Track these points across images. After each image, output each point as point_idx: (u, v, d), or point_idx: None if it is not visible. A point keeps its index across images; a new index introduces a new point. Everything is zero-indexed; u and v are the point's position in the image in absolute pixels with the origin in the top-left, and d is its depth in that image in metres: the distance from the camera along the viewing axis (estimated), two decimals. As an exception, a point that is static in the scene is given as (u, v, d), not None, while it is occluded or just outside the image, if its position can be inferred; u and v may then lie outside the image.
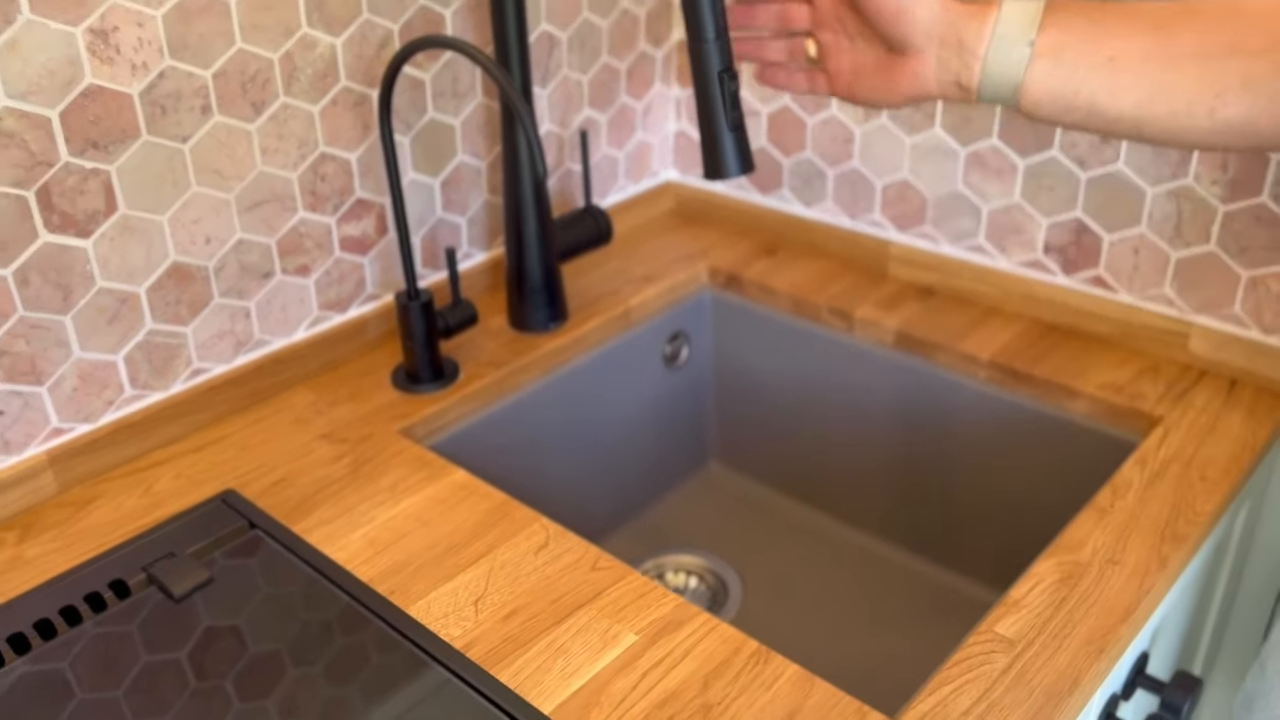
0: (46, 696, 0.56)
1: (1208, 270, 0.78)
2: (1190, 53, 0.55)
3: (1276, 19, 0.54)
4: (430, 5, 0.80)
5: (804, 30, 0.68)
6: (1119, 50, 0.57)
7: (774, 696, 0.54)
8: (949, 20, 0.61)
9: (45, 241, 0.65)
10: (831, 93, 0.68)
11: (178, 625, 0.60)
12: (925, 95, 0.63)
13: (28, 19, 0.60)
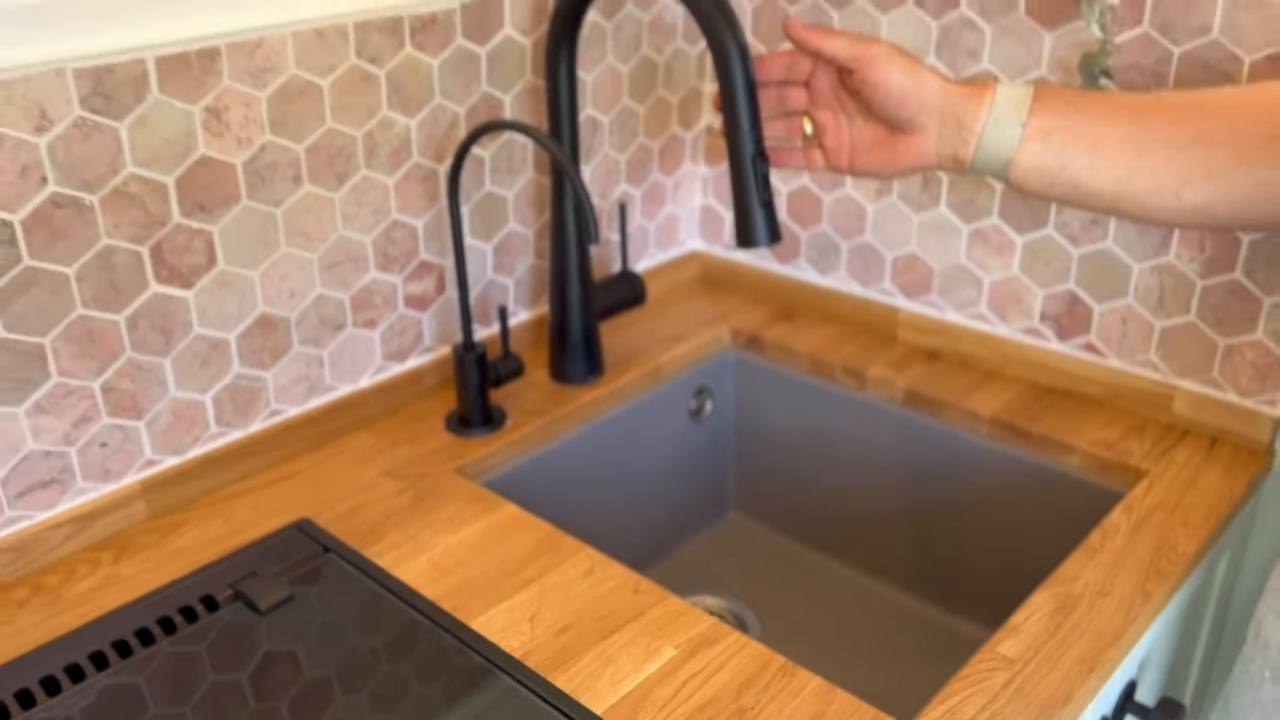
0: (155, 692, 0.63)
1: (1188, 339, 0.87)
2: (1162, 141, 0.64)
3: (1236, 115, 0.63)
4: (492, 91, 0.90)
5: (800, 110, 0.75)
6: (1100, 136, 0.65)
7: (800, 704, 0.61)
8: (949, 101, 0.69)
9: (154, 291, 0.73)
10: (829, 168, 0.75)
11: (266, 635, 0.67)
12: (924, 167, 0.71)
13: (156, 98, 0.69)
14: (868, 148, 0.73)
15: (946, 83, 0.69)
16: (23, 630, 0.68)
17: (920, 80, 0.69)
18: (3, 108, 0.63)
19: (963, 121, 0.68)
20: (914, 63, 0.69)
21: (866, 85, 0.69)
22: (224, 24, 0.71)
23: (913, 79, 0.69)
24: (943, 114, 0.69)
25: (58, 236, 0.67)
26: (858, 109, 0.73)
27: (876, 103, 0.70)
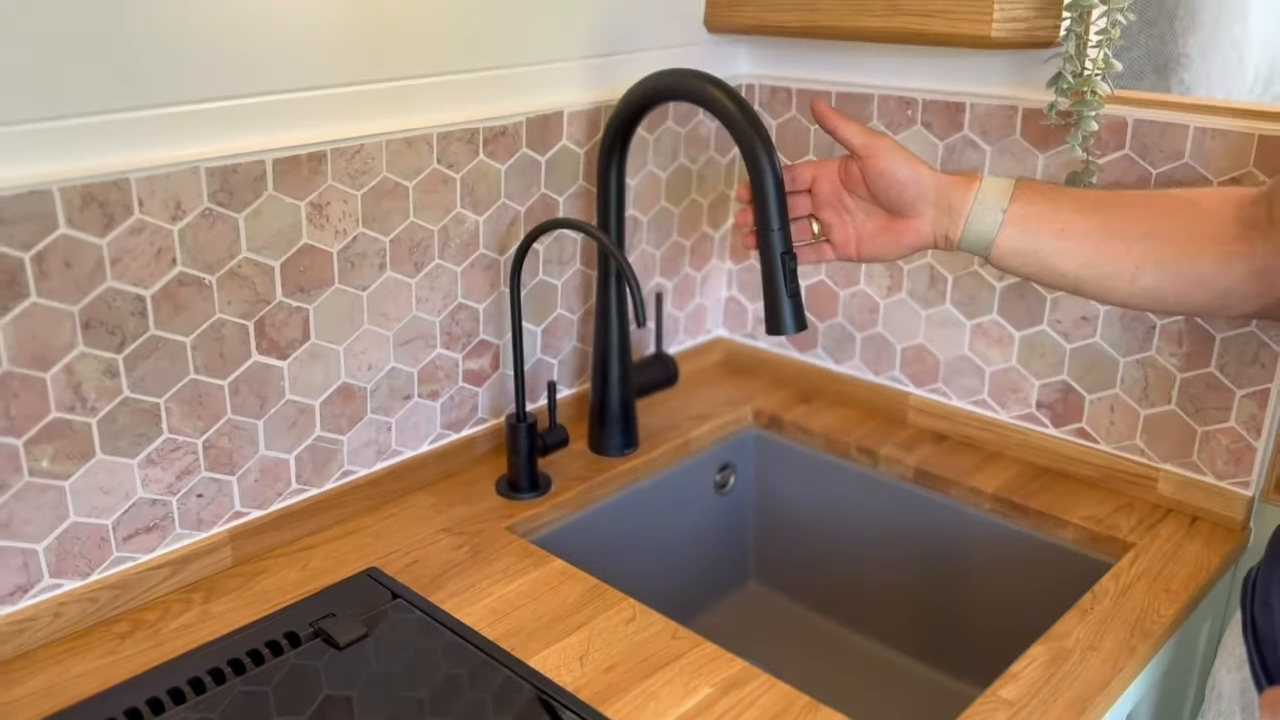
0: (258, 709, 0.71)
1: (1170, 426, 0.96)
2: (1121, 233, 0.75)
3: (1184, 214, 0.74)
4: (549, 193, 1.01)
5: (806, 215, 0.85)
6: (1069, 224, 0.76)
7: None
8: (942, 189, 0.79)
9: (255, 361, 0.84)
10: (839, 258, 0.85)
11: (346, 668, 0.75)
12: (921, 247, 0.81)
13: (271, 194, 0.80)
14: (871, 235, 0.82)
15: (939, 173, 0.80)
16: (126, 659, 0.76)
17: (918, 171, 0.79)
18: (146, 199, 0.74)
19: (953, 206, 0.79)
20: (912, 155, 0.80)
21: (873, 173, 0.80)
22: (332, 133, 0.82)
23: (912, 169, 0.79)
24: (936, 200, 0.79)
25: (180, 310, 0.78)
26: (857, 204, 0.83)
27: (881, 189, 0.80)
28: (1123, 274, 0.75)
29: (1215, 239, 0.73)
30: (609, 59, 1.03)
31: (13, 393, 0.71)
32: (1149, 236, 0.74)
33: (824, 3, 0.98)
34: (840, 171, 0.83)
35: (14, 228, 0.68)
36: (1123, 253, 0.75)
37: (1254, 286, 0.72)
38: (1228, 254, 0.72)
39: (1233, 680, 0.73)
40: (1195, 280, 0.73)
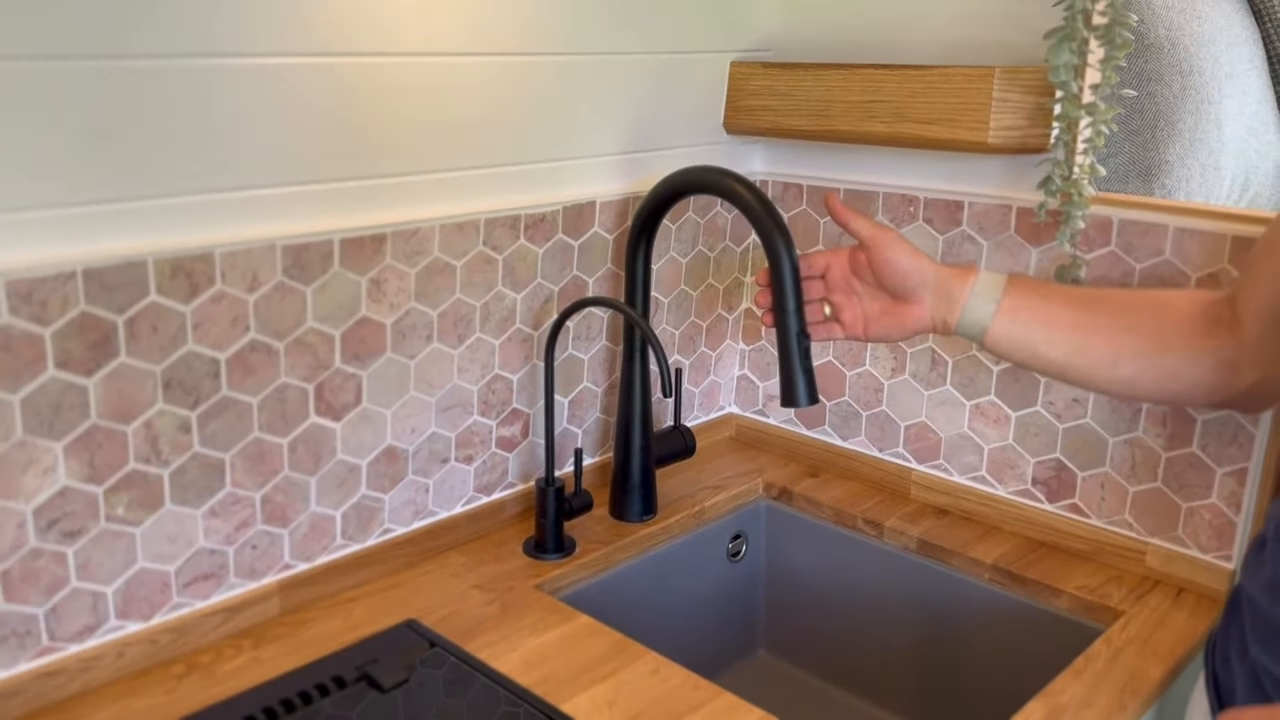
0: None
1: (1157, 502, 1.03)
2: (1103, 326, 0.83)
3: (1160, 312, 0.83)
4: (580, 275, 1.10)
5: (820, 298, 0.93)
6: (1056, 317, 0.85)
7: (836, 779, 0.74)
8: (942, 278, 0.88)
9: (312, 422, 0.91)
10: (848, 337, 0.91)
11: (390, 710, 0.81)
12: (921, 331, 0.89)
13: (336, 270, 0.88)
14: (877, 317, 0.90)
15: (939, 264, 0.89)
16: (183, 699, 0.82)
17: (920, 261, 0.88)
18: (228, 272, 0.82)
19: (952, 295, 0.87)
20: (915, 248, 0.89)
21: (879, 261, 0.88)
22: (392, 217, 0.91)
23: (915, 260, 0.88)
24: (936, 288, 0.88)
25: (249, 373, 0.85)
26: (865, 289, 0.91)
27: (886, 276, 0.88)
28: (1104, 363, 0.83)
29: (1186, 334, 0.81)
30: (637, 155, 1.13)
31: (98, 444, 0.78)
32: (1128, 330, 0.83)
33: (836, 110, 1.08)
34: (850, 260, 0.91)
35: (112, 293, 0.76)
36: (1104, 344, 0.83)
37: (1221, 378, 0.81)
38: (1197, 348, 0.81)
39: None
40: (1169, 371, 0.82)
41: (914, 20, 1.10)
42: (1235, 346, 0.79)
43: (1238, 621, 0.76)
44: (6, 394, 0.73)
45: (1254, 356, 0.79)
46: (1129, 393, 0.85)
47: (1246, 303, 0.80)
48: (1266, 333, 0.77)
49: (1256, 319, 0.78)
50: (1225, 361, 0.80)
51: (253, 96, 0.81)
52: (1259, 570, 0.73)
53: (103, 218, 0.75)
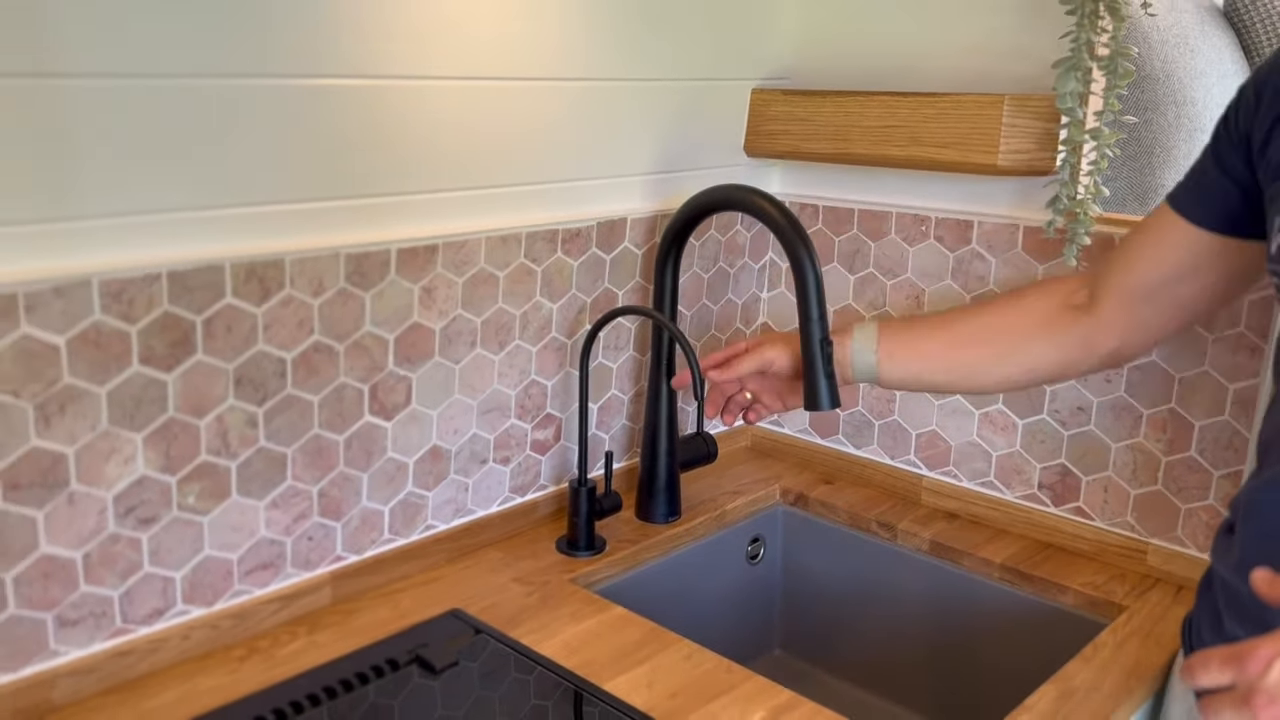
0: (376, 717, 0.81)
1: (1157, 504, 1.09)
2: (965, 342, 0.98)
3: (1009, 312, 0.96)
4: (611, 287, 1.16)
5: (739, 390, 1.06)
6: (924, 349, 0.99)
7: (864, 752, 0.80)
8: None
9: (366, 420, 0.96)
10: (771, 413, 1.07)
11: (443, 689, 0.86)
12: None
13: (393, 278, 0.94)
14: (788, 394, 1.06)
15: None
16: (247, 679, 0.87)
17: (798, 355, 0.99)
18: (296, 277, 0.88)
19: (839, 360, 0.99)
20: (795, 343, 1.00)
21: (774, 371, 1.03)
22: (444, 229, 0.97)
23: (794, 358, 1.01)
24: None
25: (312, 373, 0.91)
26: (773, 375, 1.05)
27: (782, 372, 1.03)
28: (980, 373, 0.98)
29: (1042, 327, 0.94)
30: (664, 176, 1.19)
31: (173, 435, 0.84)
32: (990, 341, 0.97)
33: (853, 134, 1.15)
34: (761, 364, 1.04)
35: (192, 295, 0.82)
36: (974, 359, 0.97)
37: (1080, 354, 0.94)
38: (1054, 336, 0.94)
39: (1179, 709, 0.86)
40: (1034, 361, 0.95)
41: (927, 50, 1.17)
42: (1090, 324, 0.92)
43: (1209, 600, 0.83)
44: (95, 386, 0.79)
45: (1110, 329, 0.91)
46: (1011, 387, 1.01)
47: (1108, 286, 0.91)
48: (1125, 309, 0.90)
49: (1117, 298, 0.90)
50: (1081, 340, 0.93)
51: (322, 115, 0.87)
52: (1228, 553, 0.79)
53: (186, 224, 0.81)
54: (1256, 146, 0.78)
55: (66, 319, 0.76)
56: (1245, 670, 0.59)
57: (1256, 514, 0.77)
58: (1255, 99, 0.78)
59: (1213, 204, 0.83)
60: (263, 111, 0.83)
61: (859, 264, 1.27)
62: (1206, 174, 0.84)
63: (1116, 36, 0.99)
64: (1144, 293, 0.89)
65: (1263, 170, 0.77)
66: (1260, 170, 0.78)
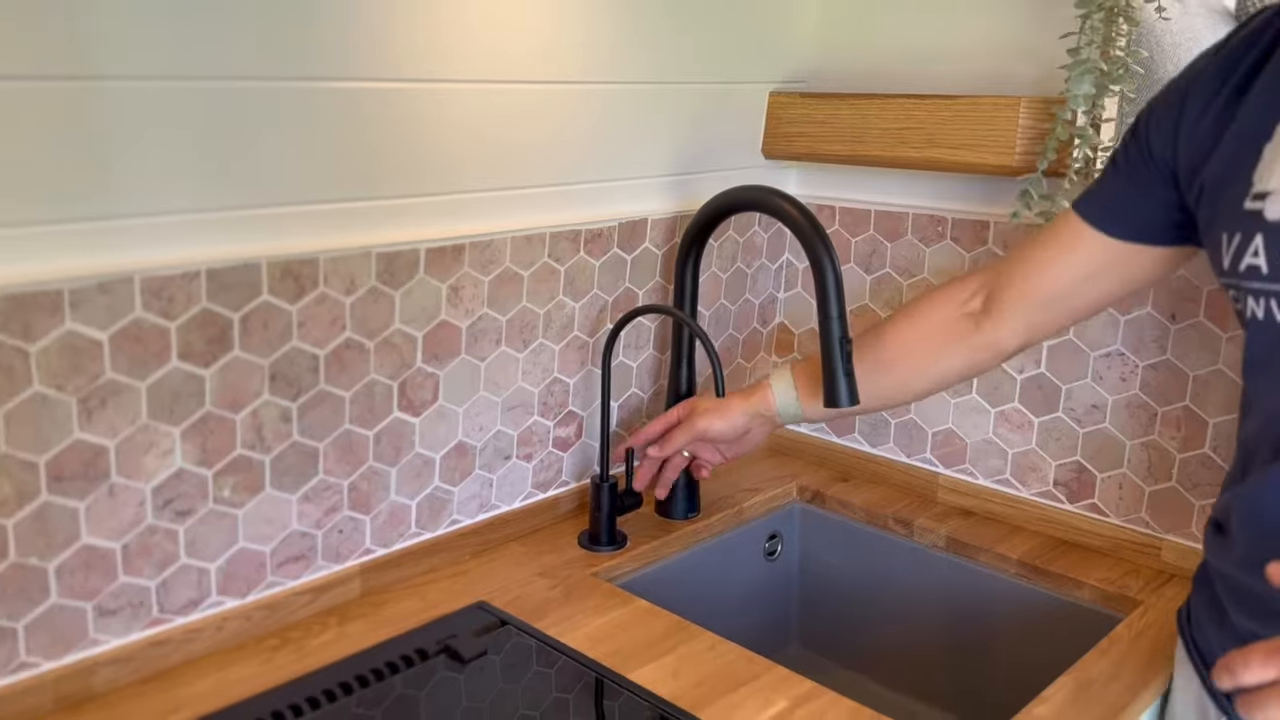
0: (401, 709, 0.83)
1: (1171, 501, 1.10)
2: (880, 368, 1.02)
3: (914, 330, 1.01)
4: (632, 287, 1.18)
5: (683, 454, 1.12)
6: None
7: (886, 739, 0.81)
8: (752, 410, 1.08)
9: (394, 416, 0.98)
10: (713, 467, 1.13)
11: (472, 678, 0.88)
12: (763, 441, 1.13)
13: (421, 277, 0.96)
14: (729, 450, 1.13)
15: (744, 400, 1.08)
16: (279, 668, 0.88)
17: (730, 417, 1.08)
18: (330, 276, 0.90)
19: (765, 414, 1.08)
20: (723, 406, 1.08)
21: (709, 438, 1.09)
22: (470, 229, 0.99)
23: (727, 421, 1.08)
24: (751, 418, 1.08)
25: (343, 370, 0.93)
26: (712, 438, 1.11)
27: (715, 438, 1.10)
28: (899, 390, 1.04)
29: (945, 339, 1.00)
30: (682, 177, 1.21)
31: (210, 429, 0.86)
32: (897, 365, 1.02)
33: (870, 136, 1.17)
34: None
35: (229, 292, 0.84)
36: (885, 383, 1.03)
37: (987, 356, 1.00)
38: (959, 345, 0.99)
39: (1184, 700, 0.88)
40: (944, 371, 1.01)
41: (943, 54, 1.19)
42: (991, 329, 0.98)
43: (1206, 594, 0.85)
44: (135, 381, 0.81)
45: (1012, 333, 0.97)
46: (922, 398, 1.10)
47: (1009, 292, 0.96)
48: (1026, 314, 0.95)
49: (1019, 304, 0.95)
50: (986, 344, 0.99)
51: (354, 118, 0.89)
52: (1226, 549, 0.81)
53: (224, 224, 0.83)
54: (1184, 175, 0.82)
55: (109, 315, 0.78)
56: None
57: (1256, 516, 0.78)
58: (1173, 131, 0.82)
59: (1122, 215, 0.88)
60: (298, 114, 0.85)
61: (875, 264, 1.29)
62: (1118, 188, 0.88)
63: (1129, 40, 1.01)
64: (1047, 298, 0.94)
65: (1193, 196, 0.82)
66: (1190, 195, 0.82)
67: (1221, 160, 0.78)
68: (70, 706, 0.82)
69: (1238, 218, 0.75)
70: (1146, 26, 1.05)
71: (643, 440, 1.12)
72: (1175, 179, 0.83)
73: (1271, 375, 0.77)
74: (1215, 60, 0.81)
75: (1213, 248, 0.79)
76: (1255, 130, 0.76)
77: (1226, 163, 0.78)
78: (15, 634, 0.79)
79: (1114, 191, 0.89)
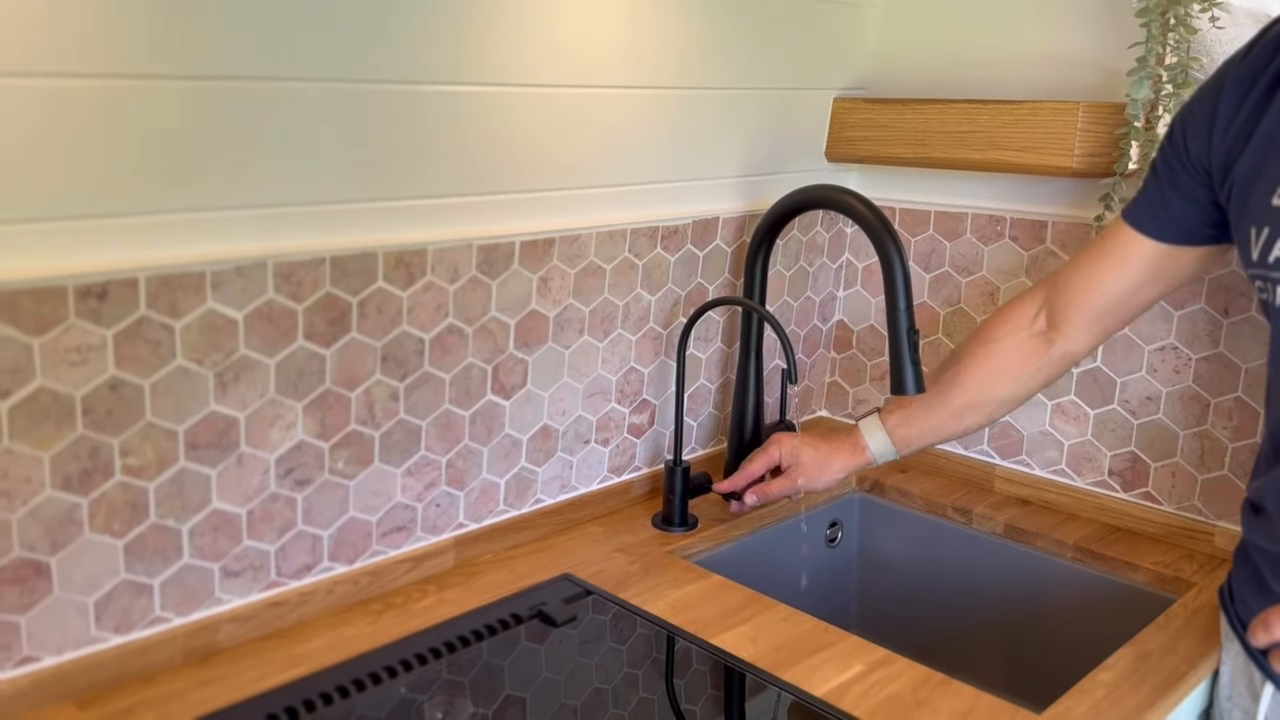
0: (503, 666, 0.89)
1: (1224, 489, 1.15)
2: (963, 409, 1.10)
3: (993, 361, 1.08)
4: (703, 282, 1.24)
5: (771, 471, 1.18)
6: (934, 425, 1.12)
7: (956, 701, 0.87)
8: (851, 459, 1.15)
9: (488, 399, 1.05)
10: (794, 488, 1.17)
11: (565, 640, 0.94)
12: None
13: (515, 268, 1.03)
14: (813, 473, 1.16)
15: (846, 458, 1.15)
16: (387, 628, 0.95)
17: (830, 476, 1.16)
18: (436, 265, 0.97)
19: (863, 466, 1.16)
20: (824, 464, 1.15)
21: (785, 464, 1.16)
22: (559, 224, 1.06)
23: (825, 481, 1.16)
24: (847, 468, 1.16)
25: (445, 353, 1.00)
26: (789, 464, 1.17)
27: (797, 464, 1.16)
28: (986, 418, 1.12)
29: (1022, 364, 1.07)
30: (750, 179, 1.27)
31: (328, 405, 0.93)
32: (984, 396, 1.09)
33: (933, 139, 1.23)
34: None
35: (350, 278, 0.91)
36: (977, 414, 1.10)
37: (1061, 368, 1.07)
38: (1036, 366, 1.06)
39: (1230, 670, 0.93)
40: (1028, 389, 1.08)
41: (1003, 60, 1.25)
42: (1062, 345, 1.05)
43: (1247, 569, 0.90)
44: (265, 358, 0.88)
45: (1080, 344, 1.05)
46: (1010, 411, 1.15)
47: (1071, 306, 1.03)
48: (1091, 324, 1.03)
49: (1083, 317, 1.02)
50: (1060, 356, 1.06)
51: (460, 119, 0.96)
52: (1267, 528, 0.87)
53: (346, 215, 0.90)
54: (1217, 174, 0.88)
55: (245, 296, 0.85)
56: None
57: None
58: (1208, 133, 0.88)
59: (1170, 220, 0.95)
60: (413, 115, 0.93)
61: (934, 263, 1.35)
62: (1161, 194, 0.95)
63: (1183, 48, 1.06)
64: (1108, 307, 1.01)
65: (1224, 193, 0.88)
66: (1221, 193, 0.89)
67: (1251, 158, 0.84)
68: (198, 660, 0.89)
69: (1266, 212, 0.81)
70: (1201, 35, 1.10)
71: (744, 481, 1.16)
72: (1210, 178, 0.89)
73: None
74: (1244, 63, 0.87)
75: (1242, 241, 0.84)
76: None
77: (1255, 160, 0.83)
78: (151, 590, 0.86)
79: (1158, 197, 0.95)
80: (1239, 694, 0.92)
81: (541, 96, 1.02)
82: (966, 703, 0.87)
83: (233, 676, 0.87)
